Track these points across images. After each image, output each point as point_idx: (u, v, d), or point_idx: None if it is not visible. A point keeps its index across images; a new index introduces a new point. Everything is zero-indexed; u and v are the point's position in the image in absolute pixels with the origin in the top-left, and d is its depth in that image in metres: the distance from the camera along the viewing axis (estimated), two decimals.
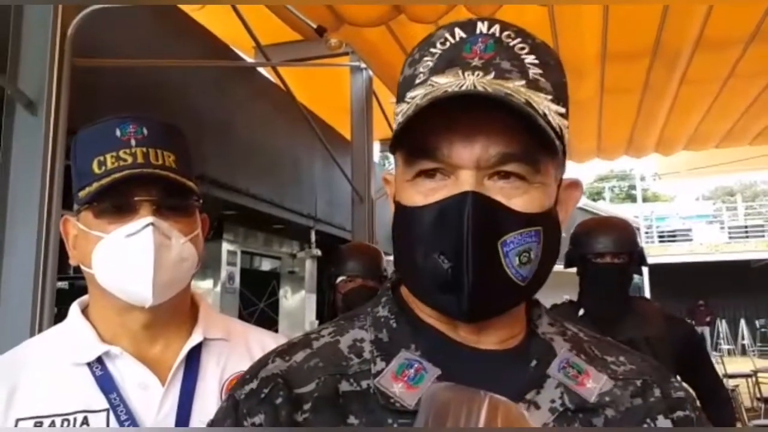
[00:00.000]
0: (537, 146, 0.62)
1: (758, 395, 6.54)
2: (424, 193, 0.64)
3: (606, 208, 20.46)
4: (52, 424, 0.96)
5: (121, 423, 0.98)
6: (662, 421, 0.69)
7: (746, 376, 7.22)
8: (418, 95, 0.64)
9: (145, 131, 1.07)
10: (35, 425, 0.96)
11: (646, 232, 17.82)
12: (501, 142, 0.61)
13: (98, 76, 2.66)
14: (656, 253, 16.76)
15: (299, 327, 5.39)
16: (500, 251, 0.62)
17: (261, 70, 4.52)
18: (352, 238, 4.26)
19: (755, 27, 3.49)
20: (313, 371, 0.65)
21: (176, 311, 1.11)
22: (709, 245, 17.04)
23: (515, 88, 0.62)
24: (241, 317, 4.96)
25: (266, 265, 5.47)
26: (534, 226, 0.63)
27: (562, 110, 0.66)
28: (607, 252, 2.07)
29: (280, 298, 5.50)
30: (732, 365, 8.71)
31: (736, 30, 3.56)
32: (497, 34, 0.65)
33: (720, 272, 16.55)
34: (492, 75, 0.62)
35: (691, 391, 0.74)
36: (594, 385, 0.68)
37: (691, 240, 17.67)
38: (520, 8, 3.17)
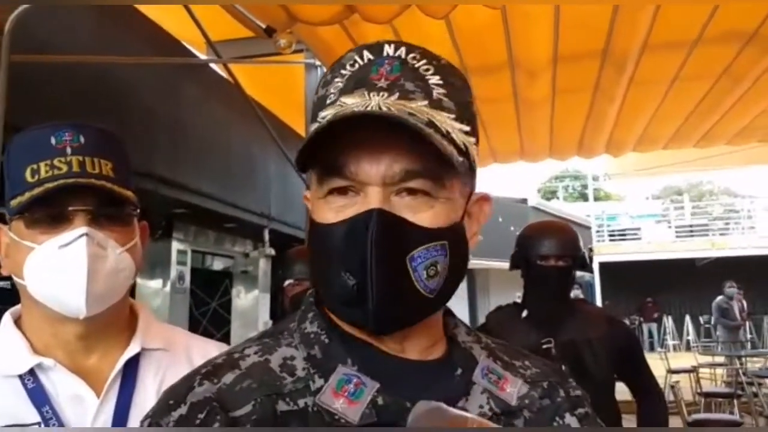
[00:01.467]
0: (439, 163, 0.64)
1: (699, 390, 6.78)
2: (335, 210, 0.66)
3: (559, 207, 20.89)
4: None
5: None
6: (569, 418, 0.75)
7: (688, 371, 7.48)
8: (328, 115, 0.67)
9: (82, 139, 1.05)
10: None
11: (598, 231, 18.28)
12: (404, 159, 0.64)
13: (43, 73, 2.57)
14: (607, 251, 17.23)
15: (252, 326, 5.33)
16: (408, 266, 0.64)
17: (214, 67, 4.44)
18: (306, 237, 4.23)
19: (699, 31, 3.60)
20: (247, 393, 0.65)
21: (113, 321, 1.09)
22: (657, 244, 17.62)
23: (418, 108, 0.66)
24: (192, 317, 4.87)
25: (218, 265, 5.39)
26: (440, 240, 0.66)
27: (467, 128, 0.70)
28: (551, 255, 2.14)
29: (232, 297, 5.43)
30: (676, 360, 9.03)
31: (681, 34, 3.67)
32: (403, 56, 0.68)
33: (667, 270, 17.11)
34: (396, 96, 0.66)
35: (583, 390, 0.80)
36: (512, 389, 0.72)
37: (640, 239, 18.22)
38: (472, 10, 3.19)
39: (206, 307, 5.24)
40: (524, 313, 2.20)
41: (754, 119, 5.18)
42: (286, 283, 2.26)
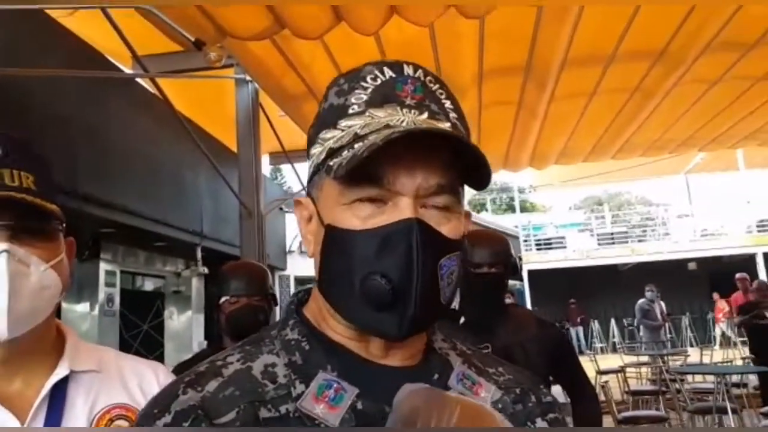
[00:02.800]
0: (459, 180, 0.70)
1: (627, 389, 7.07)
2: (361, 218, 0.67)
3: (488, 218, 21.40)
4: None
5: None
6: (540, 423, 0.77)
7: (616, 372, 7.79)
8: (356, 125, 0.69)
9: (0, 151, 0.98)
10: None
11: (525, 241, 18.81)
12: (438, 173, 0.67)
13: None
14: (534, 259, 17.75)
15: (186, 348, 5.16)
16: (438, 274, 0.67)
17: (141, 81, 4.33)
18: (240, 254, 4.16)
19: (614, 47, 3.82)
20: (231, 400, 0.66)
21: (38, 343, 1.02)
22: (581, 251, 18.28)
23: (445, 128, 0.70)
24: (122, 341, 4.68)
25: (149, 285, 5.21)
26: (456, 251, 0.70)
27: None
28: (484, 263, 2.20)
29: (165, 319, 5.25)
30: (604, 362, 9.37)
31: (598, 49, 3.88)
32: (422, 78, 0.73)
33: (592, 276, 17.80)
34: (426, 115, 0.70)
35: (554, 397, 0.83)
36: (486, 394, 0.75)
37: (565, 247, 18.86)
38: (402, 27, 3.27)
39: (137, 330, 5.04)
40: (462, 320, 2.25)
41: (665, 132, 5.53)
42: (222, 300, 2.20)
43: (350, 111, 0.71)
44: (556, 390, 2.37)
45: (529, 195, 27.61)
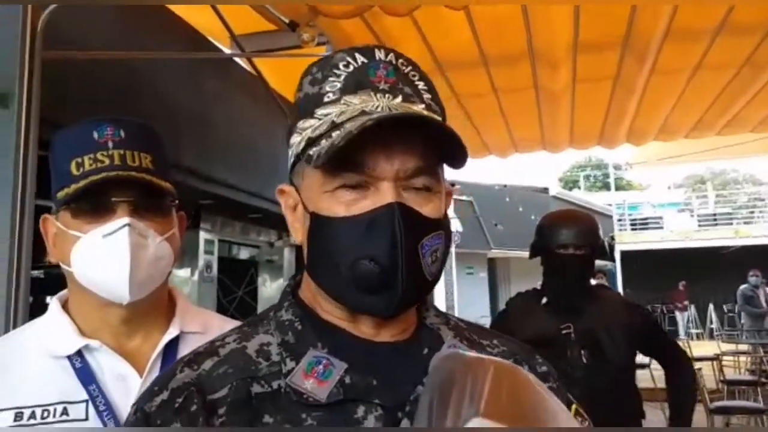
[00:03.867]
0: (438, 161, 0.72)
1: (722, 378, 6.73)
2: (345, 205, 0.70)
3: (581, 196, 20.72)
4: (33, 415, 0.99)
5: (99, 413, 1.02)
6: None
7: (711, 359, 7.42)
8: (333, 113, 0.71)
9: (122, 133, 1.10)
10: (15, 416, 0.99)
11: (619, 220, 18.10)
12: (415, 157, 0.70)
13: (70, 69, 2.65)
14: (629, 240, 17.07)
15: None
16: (420, 253, 0.70)
17: (238, 61, 4.50)
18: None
19: (721, 20, 3.57)
20: (224, 377, 0.70)
21: (154, 306, 1.15)
22: (680, 232, 17.38)
23: (419, 110, 0.72)
24: (220, 305, 4.97)
25: (244, 254, 5.48)
26: (439, 229, 0.73)
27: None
28: (570, 244, 2.17)
29: (258, 286, 5.51)
30: (699, 349, 8.94)
31: (703, 22, 3.64)
32: (394, 62, 0.74)
33: (690, 259, 16.90)
34: (399, 98, 0.72)
35: (549, 365, 0.85)
36: None
37: (662, 227, 17.99)
38: (493, 1, 3.21)
39: (233, 296, 5.33)
40: (543, 300, 2.24)
41: None
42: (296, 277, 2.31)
43: (325, 99, 0.73)
44: (643, 376, 2.33)
45: (625, 173, 26.40)
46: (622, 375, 2.16)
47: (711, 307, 16.74)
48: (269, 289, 5.45)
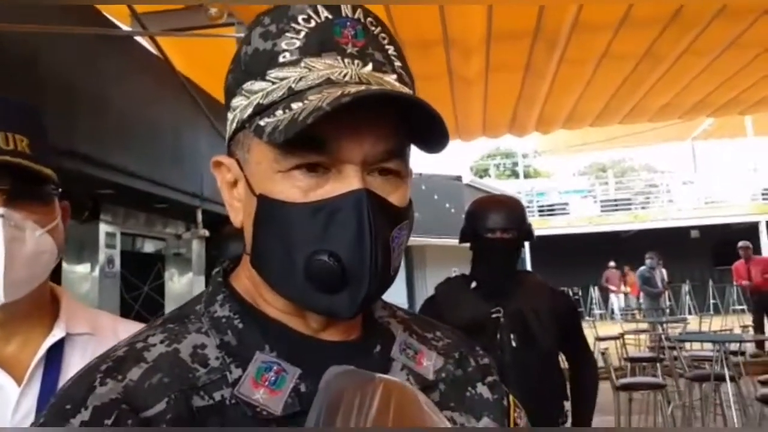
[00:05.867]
0: (408, 142, 0.64)
1: (625, 355, 7.15)
2: (302, 189, 0.60)
3: (491, 184, 21.35)
4: None
5: None
6: (480, 387, 0.75)
7: (614, 338, 7.88)
8: (291, 77, 0.61)
9: None
10: None
11: (528, 207, 18.81)
12: (386, 139, 0.61)
13: None
14: (537, 226, 17.73)
15: None
16: (389, 247, 0.62)
17: (139, 39, 4.23)
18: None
19: (625, 10, 3.71)
20: (158, 389, 0.59)
21: (34, 307, 1.03)
22: (584, 218, 18.30)
23: (392, 82, 0.63)
24: (123, 302, 4.70)
25: (149, 247, 5.20)
26: (406, 219, 0.65)
27: None
28: (498, 228, 2.18)
29: (165, 281, 5.26)
30: (603, 329, 9.46)
31: (609, 13, 3.78)
32: (362, 20, 0.64)
33: (593, 243, 17.83)
34: (370, 66, 0.62)
35: (491, 358, 0.82)
36: (428, 362, 0.71)
37: (568, 213, 18.87)
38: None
39: (138, 292, 5.05)
40: (473, 285, 2.24)
41: (674, 97, 5.43)
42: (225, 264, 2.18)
43: (281, 59, 0.62)
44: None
45: (533, 161, 27.48)
46: (549, 358, 2.21)
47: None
48: (177, 284, 5.21)
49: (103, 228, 4.05)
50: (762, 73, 4.85)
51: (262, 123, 0.61)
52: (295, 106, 0.58)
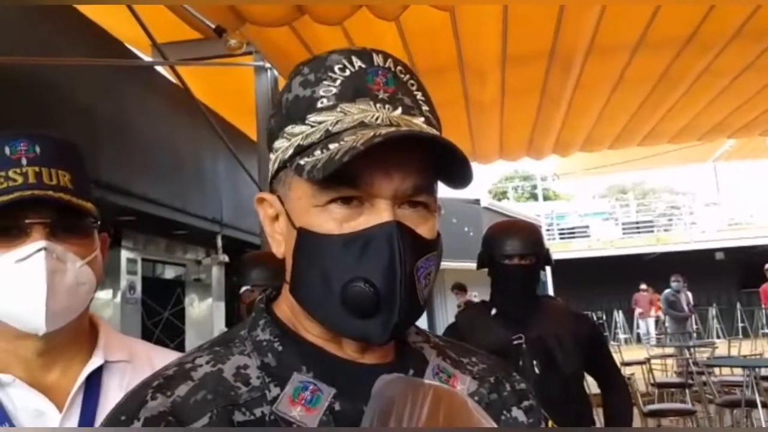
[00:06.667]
0: (435, 178, 0.69)
1: (652, 381, 6.98)
2: (338, 221, 0.65)
3: (510, 207, 21.24)
4: None
5: None
6: (516, 411, 0.78)
7: (641, 363, 7.70)
8: (328, 121, 0.67)
9: (38, 149, 1.02)
10: None
11: (548, 230, 18.66)
12: (416, 174, 0.66)
13: None
14: (557, 249, 17.60)
15: (208, 335, 5.18)
16: (416, 276, 0.66)
17: (160, 69, 4.33)
18: (261, 242, 4.16)
19: (641, 33, 3.72)
20: (203, 405, 0.64)
21: (73, 336, 1.06)
22: (605, 240, 18.08)
23: (420, 124, 0.69)
24: (144, 327, 4.73)
25: (170, 273, 5.24)
26: (434, 250, 0.69)
27: None
28: (515, 254, 2.16)
29: (186, 306, 5.29)
30: (629, 353, 9.26)
31: (624, 38, 3.78)
32: (393, 68, 0.70)
33: (615, 266, 17.58)
34: (399, 110, 0.68)
35: (528, 384, 0.84)
36: (462, 386, 0.74)
37: (589, 236, 18.66)
38: (422, 11, 3.21)
39: (158, 317, 5.09)
40: (493, 311, 2.22)
41: (693, 119, 5.39)
42: (243, 290, 2.18)
43: (319, 105, 0.68)
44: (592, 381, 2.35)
45: (552, 183, 27.32)
46: (574, 383, 2.16)
47: (637, 312, 17.46)
48: (197, 309, 5.23)
49: (125, 254, 4.10)
50: None
51: (302, 162, 0.66)
52: (332, 146, 0.64)
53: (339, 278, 0.65)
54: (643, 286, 15.92)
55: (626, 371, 6.23)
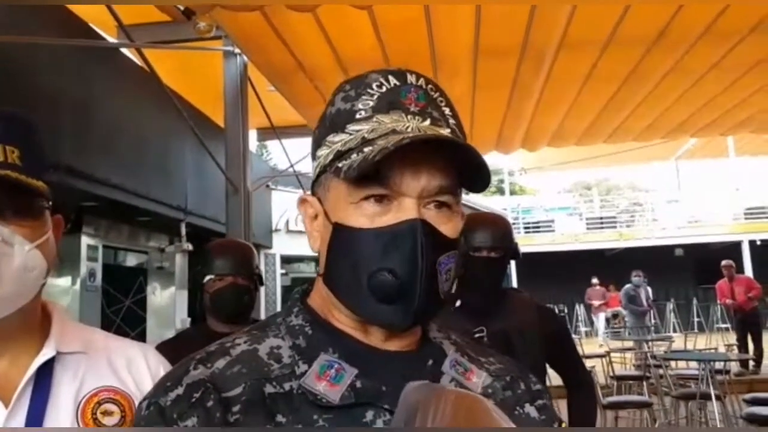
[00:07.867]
0: (458, 182, 0.76)
1: (611, 374, 7.14)
2: (369, 217, 0.73)
3: (477, 200, 21.39)
4: None
5: None
6: (528, 408, 0.83)
7: (600, 356, 7.87)
8: (364, 129, 0.76)
9: None
10: None
11: (513, 223, 18.86)
12: (439, 176, 0.74)
13: None
14: (523, 243, 17.79)
15: (169, 325, 5.09)
16: (437, 270, 0.73)
17: (126, 52, 4.22)
18: (226, 231, 4.09)
19: (611, 31, 3.75)
20: (238, 376, 0.72)
21: (23, 324, 0.99)
22: (569, 235, 18.37)
23: (445, 134, 0.76)
24: (104, 316, 4.62)
25: (132, 261, 5.12)
26: (455, 248, 0.76)
27: None
28: (484, 246, 2.15)
29: (147, 294, 5.18)
30: (589, 346, 9.44)
31: (595, 34, 3.81)
32: (424, 87, 0.79)
33: (578, 260, 17.88)
34: (428, 121, 0.77)
35: (543, 384, 0.89)
36: (477, 380, 0.81)
37: (553, 230, 18.93)
38: (396, 4, 3.18)
39: (120, 305, 4.98)
40: (457, 303, 2.21)
41: (658, 117, 5.49)
42: (207, 279, 2.14)
43: (357, 116, 0.77)
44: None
45: (519, 178, 27.63)
46: (535, 376, 2.16)
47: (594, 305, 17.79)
48: (159, 298, 5.14)
49: (85, 240, 3.99)
50: (743, 95, 4.92)
51: (340, 165, 0.75)
52: (366, 149, 0.73)
53: (367, 268, 0.72)
54: (595, 280, 16.18)
55: (587, 364, 6.36)
